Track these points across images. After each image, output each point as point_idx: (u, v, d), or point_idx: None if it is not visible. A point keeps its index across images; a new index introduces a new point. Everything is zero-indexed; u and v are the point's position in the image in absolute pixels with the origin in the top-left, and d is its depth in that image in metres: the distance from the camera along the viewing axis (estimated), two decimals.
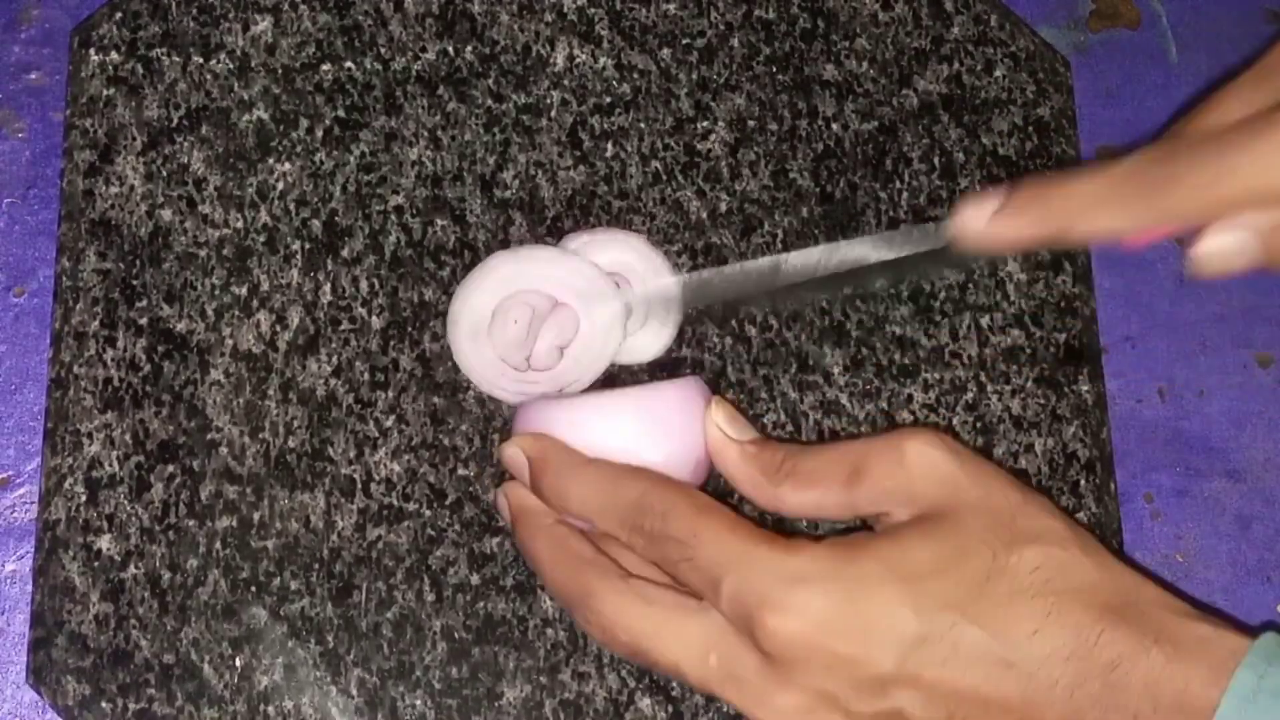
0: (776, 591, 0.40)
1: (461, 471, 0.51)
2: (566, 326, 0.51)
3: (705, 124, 0.56)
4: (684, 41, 0.57)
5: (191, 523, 0.50)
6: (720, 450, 0.45)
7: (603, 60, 0.56)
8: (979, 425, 0.54)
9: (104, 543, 0.49)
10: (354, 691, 0.49)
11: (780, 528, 0.48)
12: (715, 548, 0.41)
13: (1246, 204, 0.40)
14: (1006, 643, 0.39)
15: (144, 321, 0.51)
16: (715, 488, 0.47)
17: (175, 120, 0.53)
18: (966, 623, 0.39)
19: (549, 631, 0.50)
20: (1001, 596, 0.40)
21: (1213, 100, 0.42)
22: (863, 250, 0.45)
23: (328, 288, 0.52)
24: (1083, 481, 0.54)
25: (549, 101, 0.55)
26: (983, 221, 0.43)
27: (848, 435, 0.53)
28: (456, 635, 0.50)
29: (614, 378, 0.52)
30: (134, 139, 0.53)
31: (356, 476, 0.51)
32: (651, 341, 0.52)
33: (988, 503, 0.41)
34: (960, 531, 0.41)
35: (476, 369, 0.51)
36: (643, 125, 0.56)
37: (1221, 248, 0.41)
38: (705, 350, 0.53)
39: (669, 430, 0.45)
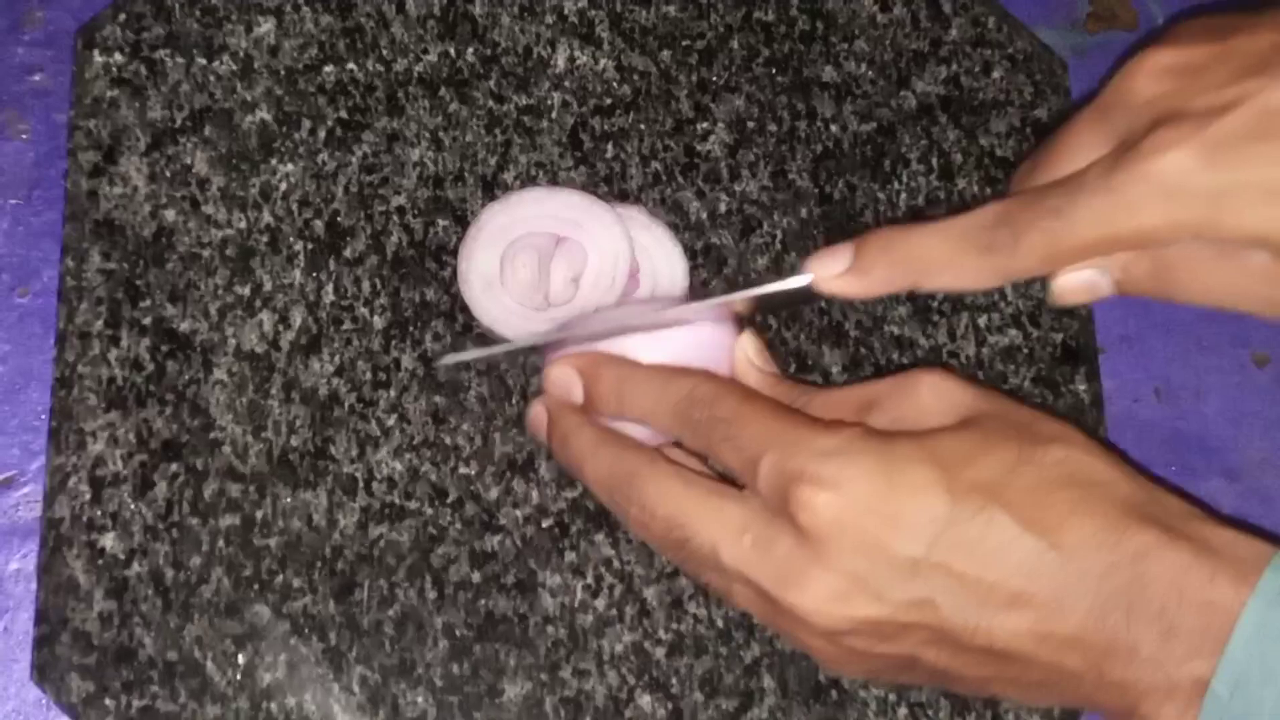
0: (813, 465, 0.40)
1: (463, 470, 0.52)
2: (574, 257, 0.52)
3: (705, 125, 0.56)
4: (684, 43, 0.57)
5: (195, 521, 0.50)
6: (743, 375, 0.47)
7: (603, 62, 0.57)
8: None
9: (108, 541, 0.50)
10: (356, 689, 0.49)
11: None
12: (757, 426, 0.42)
13: (1084, 256, 0.41)
14: (1035, 529, 0.39)
15: (147, 321, 0.52)
16: None
17: (179, 121, 0.54)
18: (996, 507, 0.39)
19: (550, 629, 0.50)
20: (1029, 485, 0.39)
21: (1054, 145, 0.43)
22: (743, 293, 0.47)
23: (330, 287, 0.53)
24: None
25: (550, 103, 0.56)
26: (832, 276, 0.44)
27: None
28: (458, 633, 0.50)
29: None
30: (138, 140, 0.53)
31: (358, 475, 0.51)
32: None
33: (1005, 416, 0.42)
34: (983, 430, 0.41)
35: (500, 319, 0.51)
36: (643, 126, 0.56)
37: (1075, 284, 0.43)
38: None
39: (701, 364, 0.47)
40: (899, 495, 0.39)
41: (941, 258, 0.43)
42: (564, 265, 0.52)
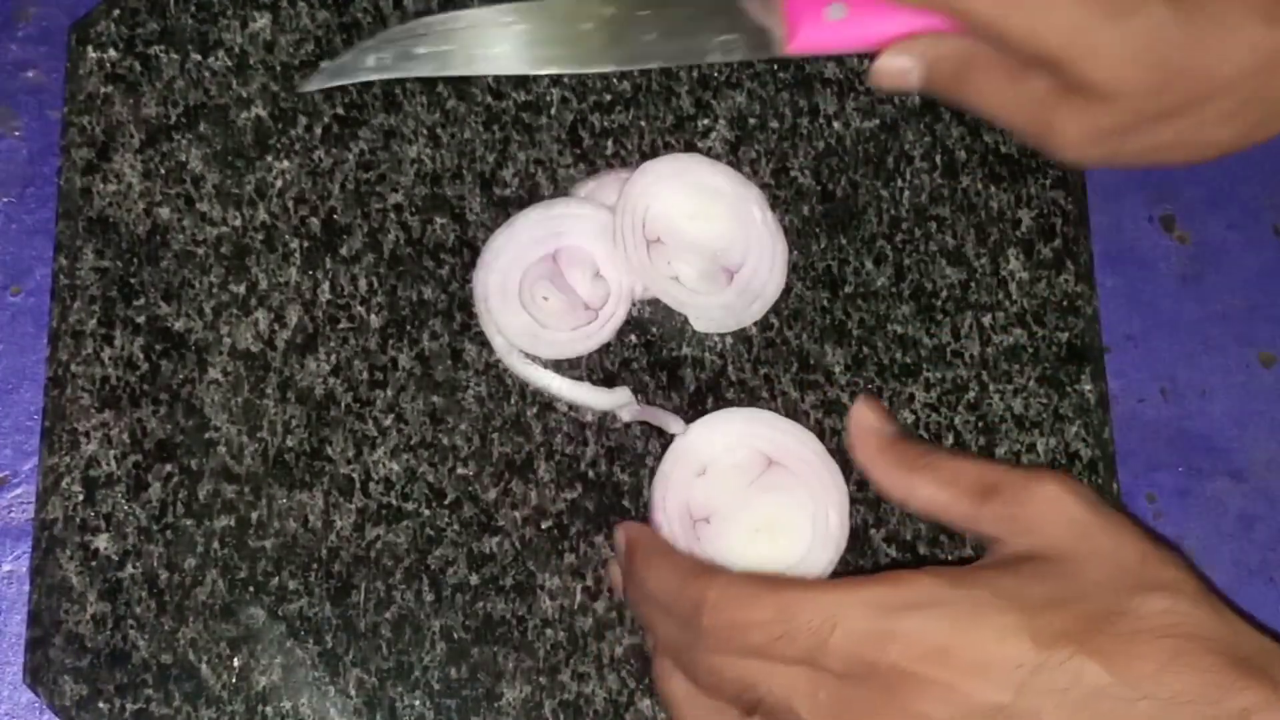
0: (885, 623, 0.39)
1: (460, 471, 0.51)
2: (582, 259, 0.52)
3: (706, 121, 0.56)
4: None
5: (189, 522, 0.50)
6: (863, 442, 0.46)
7: None
8: (981, 425, 0.54)
9: (101, 542, 0.49)
10: (352, 692, 0.49)
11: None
12: (812, 608, 0.40)
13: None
14: (1129, 679, 0.37)
15: (142, 320, 0.51)
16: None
17: (173, 118, 0.53)
18: (1085, 656, 0.38)
19: (549, 632, 0.50)
20: (1123, 634, 0.38)
21: None
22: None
23: (326, 286, 0.52)
24: (1085, 481, 0.54)
25: (549, 99, 0.55)
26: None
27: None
28: (455, 635, 0.50)
29: (627, 362, 0.52)
30: (132, 136, 0.53)
31: (355, 476, 0.51)
32: None
33: (1115, 553, 0.41)
34: (1081, 574, 0.40)
35: (565, 352, 0.51)
36: (643, 123, 0.55)
37: (890, 68, 0.47)
38: (706, 349, 0.53)
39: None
40: (979, 645, 0.38)
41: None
42: (576, 270, 0.52)
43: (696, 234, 0.52)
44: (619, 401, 0.51)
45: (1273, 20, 0.43)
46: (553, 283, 0.51)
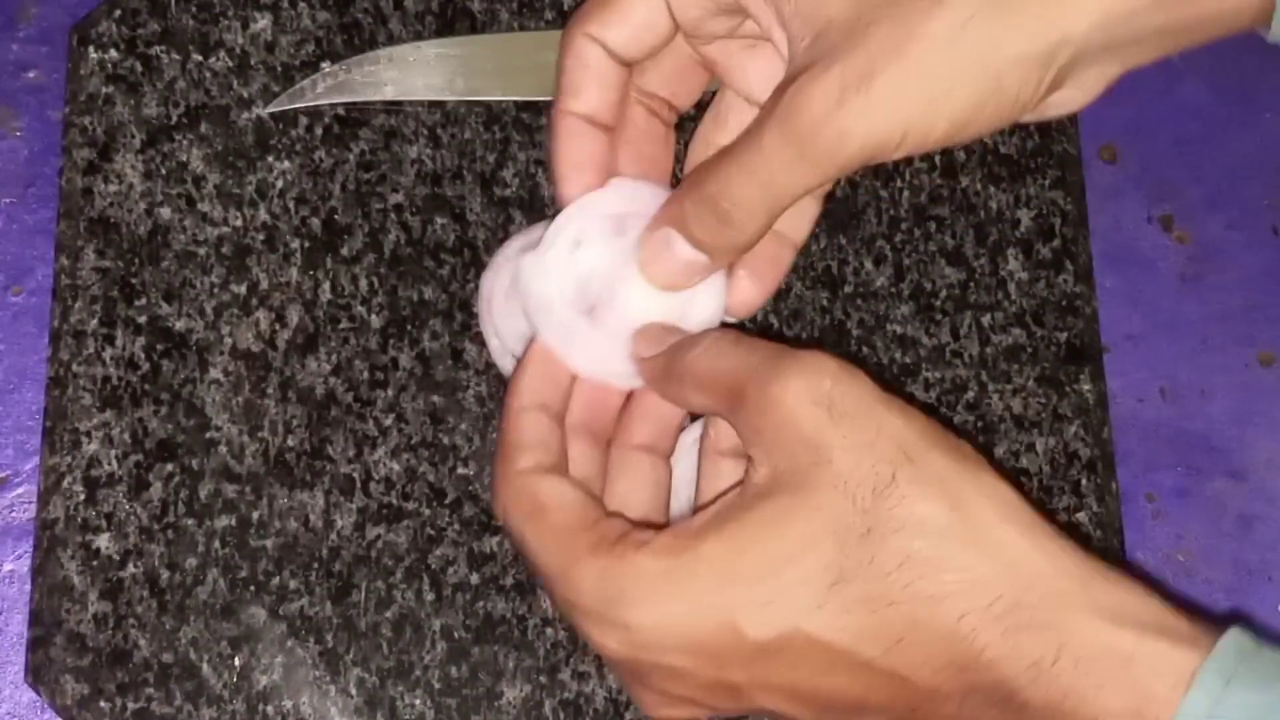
0: (598, 607, 0.37)
1: (461, 470, 0.51)
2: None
3: None
4: None
5: (190, 522, 0.50)
6: (638, 364, 0.42)
7: None
8: (980, 424, 0.54)
9: (102, 542, 0.49)
10: (353, 691, 0.49)
11: None
12: (542, 556, 0.38)
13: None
14: (863, 652, 0.34)
15: (143, 320, 0.51)
16: None
17: (174, 118, 0.53)
18: (812, 631, 0.34)
19: (549, 631, 0.50)
20: (852, 603, 0.34)
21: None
22: None
23: (327, 286, 0.52)
24: (1084, 481, 0.54)
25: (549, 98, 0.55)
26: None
27: None
28: (456, 635, 0.50)
29: None
30: (133, 137, 0.53)
31: (356, 475, 0.51)
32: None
33: (851, 477, 0.34)
34: (809, 514, 0.34)
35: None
36: None
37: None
38: None
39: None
40: (693, 634, 0.35)
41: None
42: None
43: None
44: None
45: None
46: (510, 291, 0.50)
